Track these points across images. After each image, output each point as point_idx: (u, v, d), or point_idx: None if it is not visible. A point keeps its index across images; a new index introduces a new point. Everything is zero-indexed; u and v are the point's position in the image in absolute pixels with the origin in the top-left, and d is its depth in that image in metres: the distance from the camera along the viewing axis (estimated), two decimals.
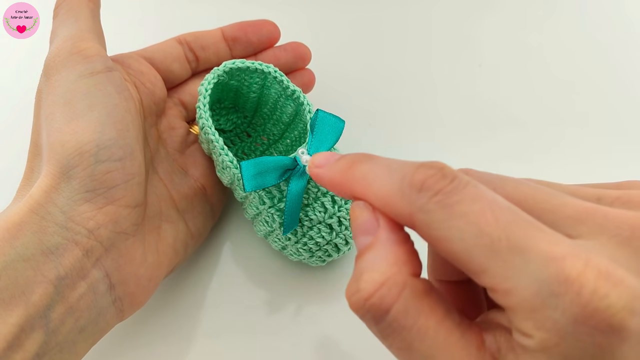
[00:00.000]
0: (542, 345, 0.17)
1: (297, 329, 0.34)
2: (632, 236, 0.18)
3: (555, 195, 0.20)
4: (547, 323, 0.17)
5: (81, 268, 0.26)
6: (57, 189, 0.26)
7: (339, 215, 0.31)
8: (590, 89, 0.45)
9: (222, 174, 0.33)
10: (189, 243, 0.33)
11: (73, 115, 0.27)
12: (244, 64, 0.34)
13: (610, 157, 0.41)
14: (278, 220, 0.31)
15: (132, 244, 0.28)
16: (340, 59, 0.46)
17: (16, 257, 0.25)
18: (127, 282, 0.28)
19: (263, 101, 0.37)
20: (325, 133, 0.31)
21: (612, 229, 0.18)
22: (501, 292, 0.18)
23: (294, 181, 0.30)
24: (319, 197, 0.31)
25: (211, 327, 0.34)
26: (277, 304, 0.35)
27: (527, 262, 0.17)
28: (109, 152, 0.27)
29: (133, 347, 0.33)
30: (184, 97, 0.37)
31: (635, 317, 0.16)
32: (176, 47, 0.37)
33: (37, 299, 0.25)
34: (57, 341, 0.25)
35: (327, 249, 0.32)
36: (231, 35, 0.38)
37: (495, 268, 0.18)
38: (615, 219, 0.18)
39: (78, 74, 0.28)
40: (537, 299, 0.17)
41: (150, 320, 0.34)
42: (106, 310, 0.28)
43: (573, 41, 0.47)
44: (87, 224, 0.26)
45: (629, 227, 0.18)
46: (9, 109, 0.43)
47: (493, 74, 0.45)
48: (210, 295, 0.35)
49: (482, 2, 0.49)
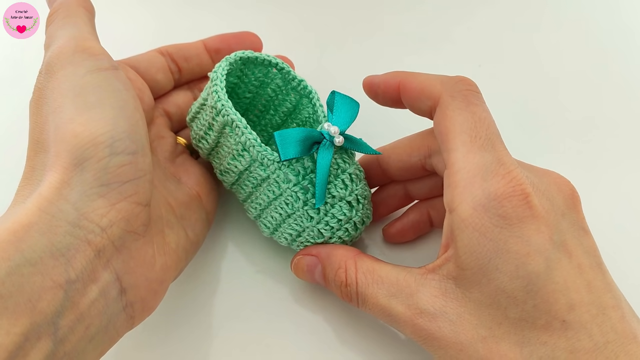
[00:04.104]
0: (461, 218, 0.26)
1: (298, 329, 0.34)
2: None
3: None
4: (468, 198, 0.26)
5: (92, 270, 0.25)
6: (69, 183, 0.25)
7: (357, 193, 0.32)
8: (591, 89, 0.45)
9: (238, 160, 0.32)
10: (189, 250, 0.33)
11: (85, 107, 0.26)
12: (252, 54, 0.34)
13: (610, 158, 0.42)
14: (302, 199, 0.31)
15: (142, 245, 0.28)
16: (338, 60, 0.46)
17: (23, 261, 0.23)
18: (138, 286, 0.27)
19: (253, 105, 0.37)
20: (344, 111, 0.32)
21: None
22: (455, 168, 0.27)
23: (322, 153, 0.30)
24: (339, 174, 0.31)
25: (212, 328, 0.34)
26: (278, 305, 0.35)
27: (483, 155, 0.26)
28: (124, 144, 0.26)
29: (136, 351, 0.33)
30: (169, 107, 0.37)
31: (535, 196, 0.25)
32: (159, 58, 0.37)
33: (44, 306, 0.23)
34: (65, 351, 0.24)
35: (347, 227, 0.32)
36: (213, 47, 0.38)
37: (464, 150, 0.27)
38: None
39: (86, 69, 0.27)
40: (473, 179, 0.26)
41: (153, 325, 0.34)
42: (117, 316, 0.27)
43: (574, 41, 0.47)
44: (100, 221, 0.25)
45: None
46: (9, 108, 0.43)
47: (493, 74, 0.45)
48: (211, 299, 0.35)
49: (482, 2, 0.49)
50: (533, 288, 0.25)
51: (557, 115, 0.44)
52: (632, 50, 0.47)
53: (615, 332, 0.25)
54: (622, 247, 0.37)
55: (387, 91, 0.32)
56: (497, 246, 0.25)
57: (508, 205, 0.25)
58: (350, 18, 0.48)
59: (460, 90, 0.28)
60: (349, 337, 0.34)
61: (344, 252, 0.31)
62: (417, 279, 0.28)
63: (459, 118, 0.28)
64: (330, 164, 0.31)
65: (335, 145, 0.30)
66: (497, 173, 0.26)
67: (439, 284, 0.27)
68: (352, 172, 0.32)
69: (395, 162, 0.33)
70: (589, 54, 0.47)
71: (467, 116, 0.27)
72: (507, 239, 0.25)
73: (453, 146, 0.27)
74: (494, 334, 0.25)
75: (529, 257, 0.25)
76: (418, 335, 0.27)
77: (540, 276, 0.25)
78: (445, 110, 0.28)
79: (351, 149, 0.31)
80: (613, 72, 0.46)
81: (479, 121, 0.27)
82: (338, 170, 0.31)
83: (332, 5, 0.49)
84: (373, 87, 0.33)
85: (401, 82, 0.31)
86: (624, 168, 0.41)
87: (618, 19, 0.49)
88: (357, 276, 0.29)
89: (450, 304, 0.27)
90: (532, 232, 0.25)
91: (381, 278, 0.29)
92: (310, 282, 0.33)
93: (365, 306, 0.29)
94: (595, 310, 0.25)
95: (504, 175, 0.26)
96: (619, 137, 0.43)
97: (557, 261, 0.25)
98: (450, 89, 0.29)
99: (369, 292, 0.29)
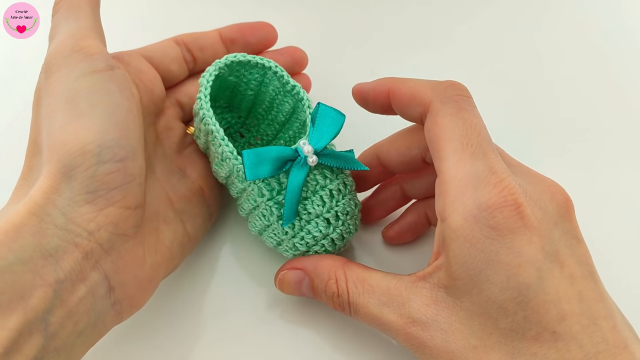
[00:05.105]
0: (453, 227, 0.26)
1: (296, 329, 0.34)
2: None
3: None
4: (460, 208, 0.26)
5: (80, 271, 0.26)
6: (58, 189, 0.26)
7: (337, 210, 0.31)
8: (592, 90, 0.45)
9: (219, 167, 0.33)
10: (186, 245, 0.33)
11: (75, 115, 0.27)
12: (245, 58, 0.34)
13: (611, 160, 0.42)
14: (276, 214, 0.31)
15: (132, 246, 0.28)
16: (337, 60, 0.46)
17: (14, 260, 0.24)
18: (127, 284, 0.28)
19: (259, 100, 0.37)
20: (326, 125, 0.31)
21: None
22: (446, 176, 0.26)
23: (294, 172, 0.30)
24: (318, 191, 0.31)
25: (210, 327, 0.34)
26: (275, 304, 0.35)
27: (474, 163, 0.26)
28: (112, 152, 0.27)
29: (130, 348, 0.33)
30: (182, 97, 0.37)
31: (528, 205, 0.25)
32: (174, 48, 0.37)
33: (36, 303, 0.24)
34: (55, 345, 0.25)
35: (324, 243, 0.32)
36: (229, 37, 0.38)
37: (455, 158, 0.26)
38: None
39: (80, 72, 0.28)
40: (464, 188, 0.26)
41: (149, 321, 0.34)
42: (105, 313, 0.28)
43: (576, 40, 0.47)
44: (88, 226, 0.26)
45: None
46: (9, 108, 0.43)
47: (494, 75, 0.45)
48: (208, 296, 0.35)
49: (482, 1, 0.49)
50: (524, 299, 0.25)
51: (557, 116, 0.43)
52: (632, 54, 0.47)
53: (606, 342, 0.25)
54: (622, 247, 0.37)
55: (377, 98, 0.32)
56: (488, 257, 0.25)
57: (499, 216, 0.25)
58: (350, 18, 0.48)
59: (451, 95, 0.28)
60: (348, 336, 0.34)
61: (331, 262, 0.31)
62: (408, 287, 0.28)
63: (449, 125, 0.27)
64: (306, 182, 0.31)
65: (309, 164, 0.30)
66: (488, 182, 0.26)
67: (430, 292, 0.27)
68: (333, 188, 0.31)
69: (395, 155, 0.33)
70: (590, 53, 0.46)
71: (457, 122, 0.27)
72: (498, 250, 0.25)
73: (444, 154, 0.27)
74: (484, 344, 0.26)
75: (520, 268, 0.25)
76: (411, 343, 0.27)
77: (531, 287, 0.25)
78: (436, 116, 0.28)
79: (332, 165, 0.31)
80: (614, 72, 0.46)
81: (470, 127, 0.27)
82: (317, 186, 0.31)
83: (332, 5, 0.49)
84: (363, 95, 0.32)
85: (391, 88, 0.31)
86: (626, 168, 0.41)
87: (620, 18, 0.49)
88: (348, 286, 0.29)
89: (442, 312, 0.27)
90: (523, 242, 0.25)
91: (372, 287, 0.29)
92: (297, 295, 0.33)
93: (357, 315, 0.29)
94: (587, 320, 0.25)
95: (495, 185, 0.26)
96: (619, 138, 0.43)
97: (549, 272, 0.25)
98: (440, 94, 0.28)
99: (360, 301, 0.29)
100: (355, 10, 0.48)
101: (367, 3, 0.49)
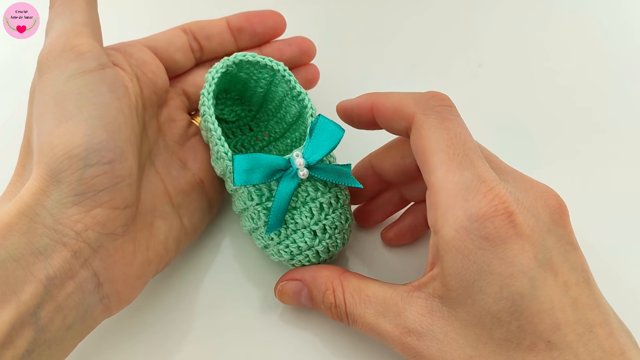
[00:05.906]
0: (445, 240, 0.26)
1: (294, 326, 0.34)
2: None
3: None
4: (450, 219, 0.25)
5: (69, 268, 0.27)
6: (46, 192, 0.27)
7: (325, 223, 0.31)
8: (593, 90, 0.44)
9: (215, 163, 0.33)
10: (182, 239, 0.33)
11: (63, 118, 0.27)
12: (254, 58, 0.34)
13: (612, 158, 0.41)
14: (263, 219, 0.31)
15: (121, 244, 0.29)
16: (339, 56, 0.45)
17: (7, 257, 0.25)
18: (115, 280, 0.29)
19: (269, 98, 0.37)
20: (322, 139, 0.31)
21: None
22: (436, 188, 0.26)
23: (284, 182, 0.30)
24: (308, 202, 0.31)
25: (206, 322, 0.35)
26: (272, 300, 0.35)
27: (462, 173, 0.26)
28: (99, 155, 0.27)
29: (125, 342, 0.34)
30: (187, 87, 0.37)
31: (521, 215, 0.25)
32: (180, 36, 0.36)
33: (27, 298, 0.25)
34: (45, 338, 0.26)
35: (308, 254, 0.32)
36: (237, 25, 0.38)
37: (442, 170, 0.26)
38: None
39: (69, 73, 0.28)
40: (454, 199, 0.25)
41: (143, 317, 0.34)
42: (93, 307, 0.28)
43: (577, 40, 0.46)
44: (75, 227, 0.27)
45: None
46: (9, 108, 0.43)
47: (494, 75, 0.45)
48: (205, 291, 0.35)
49: (482, 1, 0.49)
50: (517, 309, 0.24)
51: (560, 117, 0.43)
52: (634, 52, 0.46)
53: (602, 349, 0.24)
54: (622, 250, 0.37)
55: (361, 114, 0.31)
56: (481, 268, 0.25)
57: (491, 226, 0.25)
58: (350, 18, 0.48)
59: (433, 107, 0.28)
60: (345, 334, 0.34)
61: (329, 273, 0.31)
62: (404, 297, 0.28)
63: (434, 136, 0.27)
64: (297, 192, 0.31)
65: (300, 177, 0.30)
66: (478, 191, 0.25)
67: (426, 302, 0.27)
68: (323, 202, 0.31)
69: (390, 165, 0.33)
70: (591, 54, 0.46)
71: (442, 134, 0.27)
72: (491, 261, 0.25)
73: (431, 166, 0.27)
74: (480, 354, 0.26)
75: (513, 278, 0.24)
76: (407, 353, 0.27)
77: (524, 297, 0.24)
78: (420, 129, 0.28)
79: (324, 179, 0.31)
80: (616, 72, 0.45)
81: (454, 137, 0.27)
82: (307, 198, 0.31)
83: (332, 5, 0.48)
84: (347, 112, 0.32)
85: (374, 103, 0.30)
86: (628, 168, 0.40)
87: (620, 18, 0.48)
88: (345, 297, 0.30)
89: (437, 322, 0.27)
90: (516, 252, 0.25)
91: (368, 297, 0.29)
92: (297, 306, 0.33)
93: (355, 325, 0.30)
94: (582, 328, 0.24)
95: (485, 194, 0.25)
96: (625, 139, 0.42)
97: (542, 280, 0.25)
98: (423, 106, 0.28)
99: (357, 312, 0.29)
100: (355, 7, 0.48)
101: (367, 3, 0.49)
